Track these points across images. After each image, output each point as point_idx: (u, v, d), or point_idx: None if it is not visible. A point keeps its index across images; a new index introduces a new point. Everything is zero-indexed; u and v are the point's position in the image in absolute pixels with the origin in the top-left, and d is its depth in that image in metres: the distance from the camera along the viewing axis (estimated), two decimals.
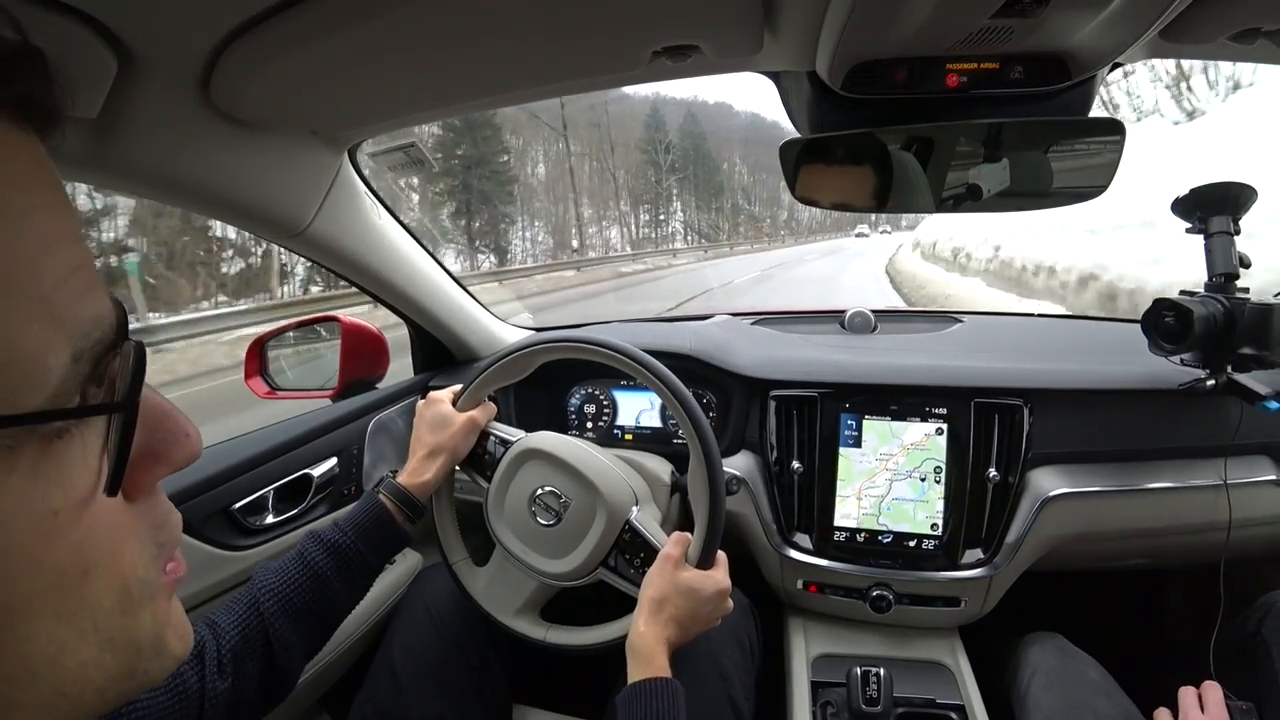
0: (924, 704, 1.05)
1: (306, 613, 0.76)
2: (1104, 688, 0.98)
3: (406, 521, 0.88)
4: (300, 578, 0.77)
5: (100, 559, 0.28)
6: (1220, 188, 1.02)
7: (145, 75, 0.62)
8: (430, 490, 0.92)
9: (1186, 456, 1.15)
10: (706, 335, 1.38)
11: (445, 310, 1.37)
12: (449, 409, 0.97)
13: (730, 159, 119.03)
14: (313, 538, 0.82)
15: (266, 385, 1.36)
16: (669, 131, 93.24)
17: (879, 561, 1.16)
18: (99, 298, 0.28)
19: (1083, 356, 1.25)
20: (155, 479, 0.32)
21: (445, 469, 0.94)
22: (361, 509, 0.86)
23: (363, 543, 0.82)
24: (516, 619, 0.94)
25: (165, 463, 0.32)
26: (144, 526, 0.31)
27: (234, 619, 0.72)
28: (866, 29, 0.63)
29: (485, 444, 0.99)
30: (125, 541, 0.30)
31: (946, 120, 0.79)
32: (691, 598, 0.81)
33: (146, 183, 0.77)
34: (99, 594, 0.28)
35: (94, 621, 0.28)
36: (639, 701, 0.70)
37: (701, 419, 0.86)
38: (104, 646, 0.28)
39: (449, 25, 0.62)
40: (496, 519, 0.96)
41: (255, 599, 0.74)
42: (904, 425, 1.18)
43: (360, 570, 0.83)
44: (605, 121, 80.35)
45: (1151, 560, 1.28)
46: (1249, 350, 0.99)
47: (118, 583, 0.29)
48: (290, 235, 0.99)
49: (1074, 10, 0.59)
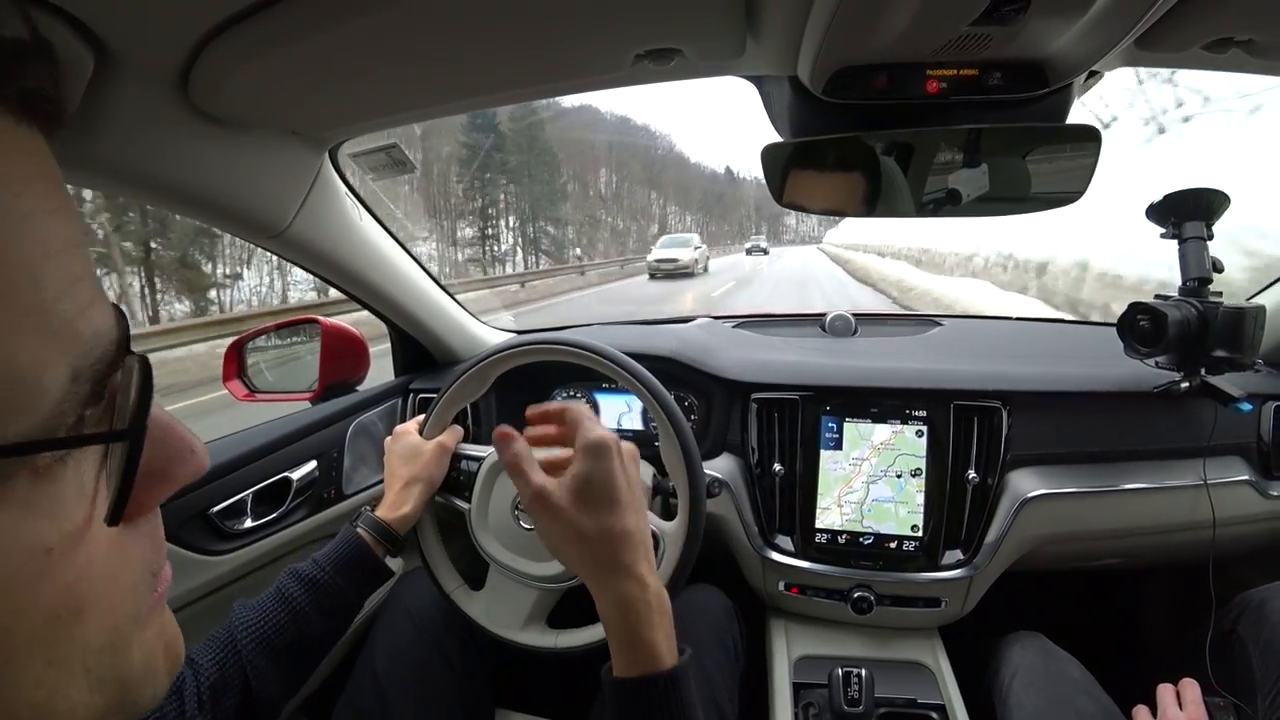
0: (905, 704, 1.06)
1: (285, 650, 0.75)
2: (1085, 686, 0.99)
3: (387, 555, 0.87)
4: (278, 614, 0.76)
5: (96, 596, 0.26)
6: (1193, 194, 1.03)
7: (122, 72, 0.61)
8: (410, 522, 0.91)
9: (1162, 458, 1.16)
10: (688, 338, 1.38)
11: (426, 312, 1.37)
12: (417, 439, 0.97)
13: (593, 167, 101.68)
14: (291, 574, 0.81)
15: (245, 387, 1.35)
16: (498, 117, 61.87)
17: (860, 563, 1.17)
18: (101, 310, 0.26)
19: (1060, 360, 1.27)
20: (158, 499, 0.31)
21: (423, 498, 0.93)
22: (339, 544, 0.85)
23: (341, 577, 0.82)
24: (523, 633, 0.92)
25: (169, 481, 0.31)
26: (141, 551, 0.30)
27: (211, 656, 0.71)
28: (848, 34, 0.64)
29: (458, 466, 0.99)
30: (122, 574, 0.28)
31: (927, 125, 0.80)
32: (585, 494, 0.61)
33: (123, 181, 0.76)
34: (90, 634, 0.26)
35: (84, 663, 0.26)
36: (634, 706, 0.56)
37: (667, 398, 0.87)
38: (94, 688, 0.27)
39: (430, 27, 0.61)
40: (483, 534, 0.95)
41: (233, 636, 0.73)
42: (885, 428, 1.19)
43: (339, 605, 0.82)
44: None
45: (1129, 560, 1.30)
46: (1222, 353, 1.01)
47: (111, 622, 0.27)
48: (269, 236, 0.97)
49: (1052, 18, 0.60)
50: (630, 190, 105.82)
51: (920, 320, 1.58)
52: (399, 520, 0.89)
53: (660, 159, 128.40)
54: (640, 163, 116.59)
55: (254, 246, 1.21)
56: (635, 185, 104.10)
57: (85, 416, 0.25)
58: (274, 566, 1.12)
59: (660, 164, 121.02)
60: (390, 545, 0.87)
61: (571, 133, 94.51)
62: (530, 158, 68.16)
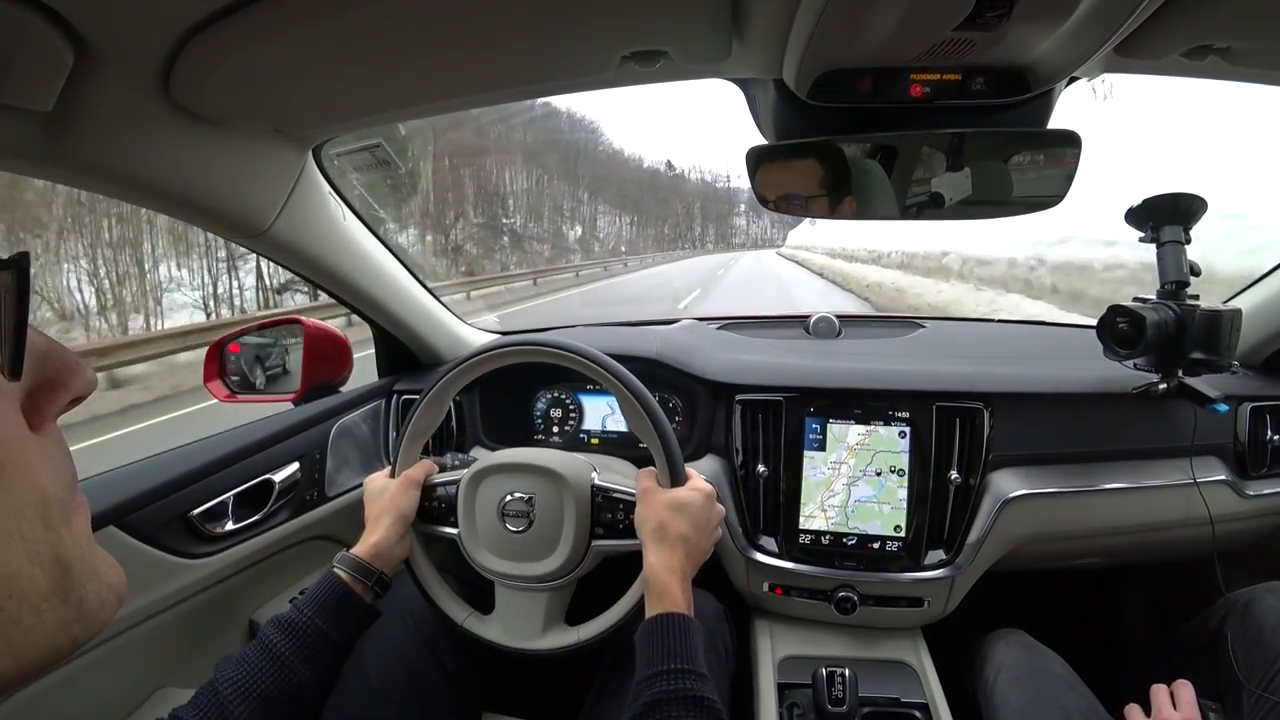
0: (889, 703, 1.06)
1: (270, 699, 0.74)
2: (1069, 682, 1.00)
3: (369, 594, 0.87)
4: (260, 662, 0.76)
5: (13, 461, 0.28)
6: (1171, 198, 1.05)
7: (103, 68, 0.61)
8: (385, 553, 0.90)
9: (1142, 458, 1.18)
10: (672, 339, 1.38)
11: (410, 313, 1.36)
12: (385, 479, 0.97)
13: (508, 164, 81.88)
14: (273, 623, 0.80)
15: (226, 388, 1.33)
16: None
17: (844, 563, 1.17)
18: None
19: (1041, 361, 1.28)
20: (56, 408, 0.33)
21: (395, 529, 0.92)
22: (318, 588, 0.84)
23: (321, 619, 0.81)
24: (545, 639, 0.91)
25: (64, 389, 0.33)
26: (50, 449, 0.32)
27: (197, 713, 0.70)
28: (833, 38, 0.64)
29: (434, 495, 0.98)
30: (34, 451, 0.30)
31: (910, 129, 0.81)
32: (686, 510, 0.83)
33: (102, 178, 0.75)
34: (18, 498, 0.28)
35: (19, 529, 0.28)
36: (654, 636, 0.73)
37: (608, 361, 0.89)
38: (33, 560, 0.28)
39: (415, 26, 0.61)
40: (477, 551, 0.94)
41: (216, 690, 0.72)
42: (868, 429, 1.19)
43: (321, 648, 0.81)
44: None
45: (1110, 559, 1.31)
46: (1199, 355, 1.02)
47: (35, 492, 0.29)
48: (251, 235, 0.96)
49: (1033, 25, 0.61)
50: (550, 186, 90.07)
51: (904, 322, 1.59)
52: (371, 552, 0.88)
53: (585, 150, 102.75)
54: (558, 154, 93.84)
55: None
56: (555, 180, 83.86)
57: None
58: (256, 569, 1.11)
59: (586, 158, 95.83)
60: (370, 582, 0.87)
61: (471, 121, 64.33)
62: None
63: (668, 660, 0.70)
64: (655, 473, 0.88)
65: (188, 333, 8.90)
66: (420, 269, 1.49)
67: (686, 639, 0.72)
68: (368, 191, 1.25)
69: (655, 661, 0.70)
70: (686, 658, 0.70)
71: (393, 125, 1.16)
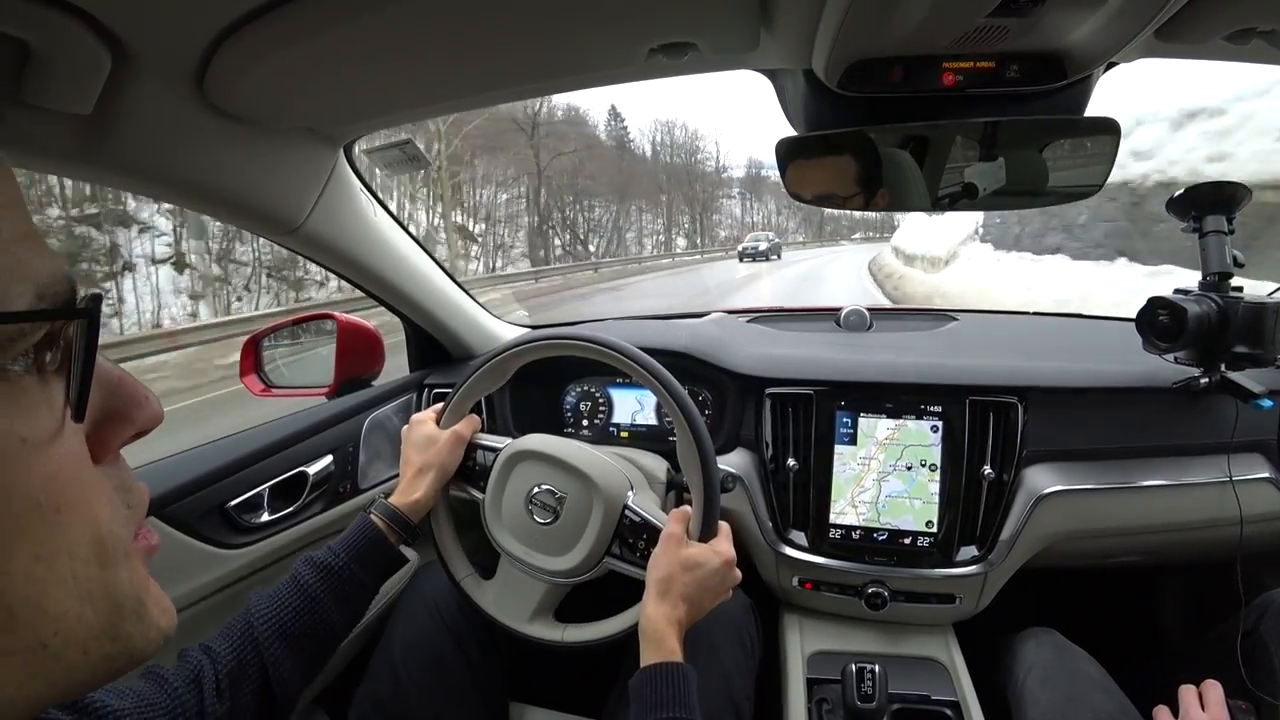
0: (919, 700, 1.05)
1: (302, 636, 0.76)
2: (1101, 683, 0.98)
3: (401, 542, 0.88)
4: (294, 601, 0.77)
5: (72, 499, 0.28)
6: (1214, 187, 1.02)
7: (140, 71, 0.62)
8: (423, 508, 0.92)
9: (1181, 454, 1.15)
10: (702, 333, 1.38)
11: (441, 308, 1.37)
12: (433, 428, 0.98)
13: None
14: (306, 562, 0.82)
15: (261, 383, 1.36)
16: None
17: (874, 559, 1.16)
18: (57, 260, 0.29)
19: (1077, 355, 1.26)
20: (120, 440, 0.33)
21: (435, 485, 0.93)
22: (354, 531, 0.86)
23: (355, 564, 0.82)
24: (531, 625, 0.93)
25: (128, 423, 0.33)
26: (111, 486, 0.32)
27: (229, 644, 0.71)
28: (863, 27, 0.63)
29: (474, 456, 0.99)
30: (94, 489, 0.30)
31: (942, 119, 0.79)
32: (698, 572, 0.82)
33: (140, 178, 0.77)
34: (74, 538, 0.28)
35: (72, 570, 0.28)
36: (649, 685, 0.72)
37: (681, 392, 0.87)
38: (84, 599, 0.29)
39: (444, 23, 0.62)
40: (496, 525, 0.95)
41: (249, 624, 0.74)
42: (899, 423, 1.18)
43: (354, 591, 0.82)
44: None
45: (1146, 558, 1.28)
46: (1243, 348, 0.99)
47: (91, 531, 0.29)
48: (285, 232, 0.98)
49: (1070, 10, 0.59)
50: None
51: (936, 315, 1.57)
52: (411, 506, 0.90)
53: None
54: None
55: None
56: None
57: (43, 352, 0.28)
58: (290, 560, 1.13)
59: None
60: (404, 532, 0.88)
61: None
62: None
63: (669, 708, 0.70)
64: (688, 516, 0.87)
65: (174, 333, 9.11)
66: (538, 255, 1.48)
67: (686, 688, 0.72)
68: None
69: (657, 708, 0.70)
70: (685, 705, 0.71)
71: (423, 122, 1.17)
